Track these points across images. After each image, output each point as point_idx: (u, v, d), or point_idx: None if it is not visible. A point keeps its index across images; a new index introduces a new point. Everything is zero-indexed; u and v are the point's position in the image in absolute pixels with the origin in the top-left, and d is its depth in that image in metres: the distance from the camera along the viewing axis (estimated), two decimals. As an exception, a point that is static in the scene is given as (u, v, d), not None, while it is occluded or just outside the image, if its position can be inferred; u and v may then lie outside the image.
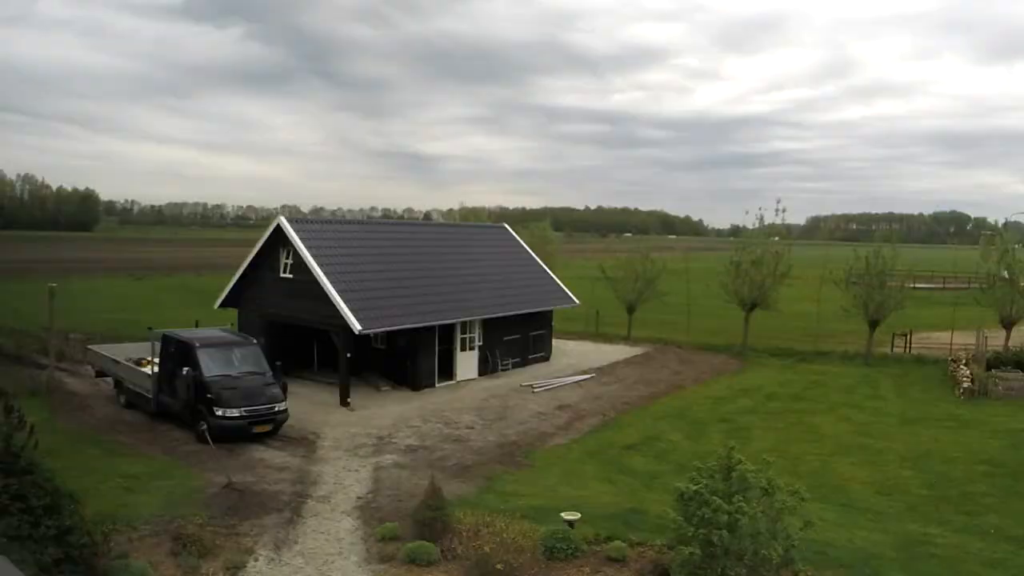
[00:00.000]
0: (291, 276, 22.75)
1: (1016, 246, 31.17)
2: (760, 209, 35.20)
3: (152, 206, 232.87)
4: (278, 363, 18.94)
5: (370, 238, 25.12)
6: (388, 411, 20.61)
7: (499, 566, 9.92)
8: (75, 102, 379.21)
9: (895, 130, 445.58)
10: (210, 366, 17.57)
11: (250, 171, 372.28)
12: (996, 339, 28.28)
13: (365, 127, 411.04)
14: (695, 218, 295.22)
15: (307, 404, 20.97)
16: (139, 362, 20.22)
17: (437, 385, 23.93)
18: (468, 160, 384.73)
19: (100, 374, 21.91)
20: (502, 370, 26.61)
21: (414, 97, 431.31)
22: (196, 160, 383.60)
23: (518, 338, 27.58)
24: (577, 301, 30.60)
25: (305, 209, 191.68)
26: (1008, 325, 29.61)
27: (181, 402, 17.67)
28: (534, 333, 28.53)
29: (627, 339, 34.72)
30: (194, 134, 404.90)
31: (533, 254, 31.69)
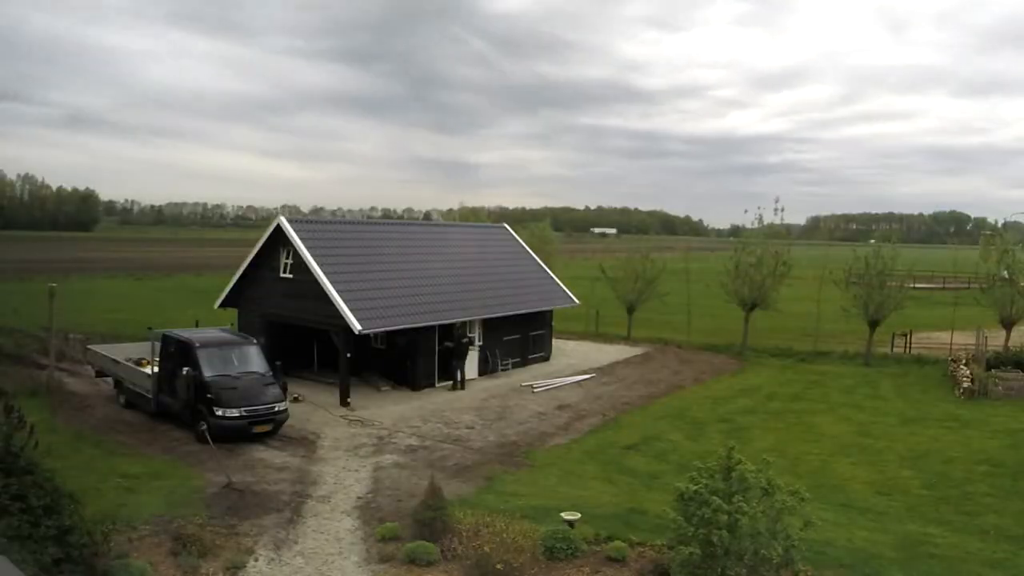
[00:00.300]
0: (291, 276, 22.75)
1: (1016, 246, 31.17)
2: (759, 208, 35.20)
3: (152, 206, 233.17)
4: (278, 363, 18.93)
5: (370, 238, 25.14)
6: (388, 411, 20.61)
7: (499, 566, 9.92)
8: (183, 120, 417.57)
9: (895, 144, 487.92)
10: (210, 366, 17.56)
11: (293, 175, 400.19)
12: (996, 339, 28.29)
13: (428, 140, 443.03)
14: (695, 218, 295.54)
15: (307, 404, 21.00)
16: (139, 362, 20.21)
17: (437, 385, 23.93)
18: (505, 167, 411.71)
19: (100, 374, 21.91)
20: (502, 370, 26.61)
21: (487, 119, 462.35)
22: (253, 166, 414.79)
23: (518, 338, 27.58)
24: (577, 301, 30.60)
25: (305, 209, 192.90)
26: (1008, 325, 29.61)
27: (181, 402, 17.66)
28: (534, 333, 28.53)
29: (627, 339, 34.72)
30: (270, 144, 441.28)
31: (533, 254, 31.69)
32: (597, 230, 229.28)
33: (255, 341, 19.50)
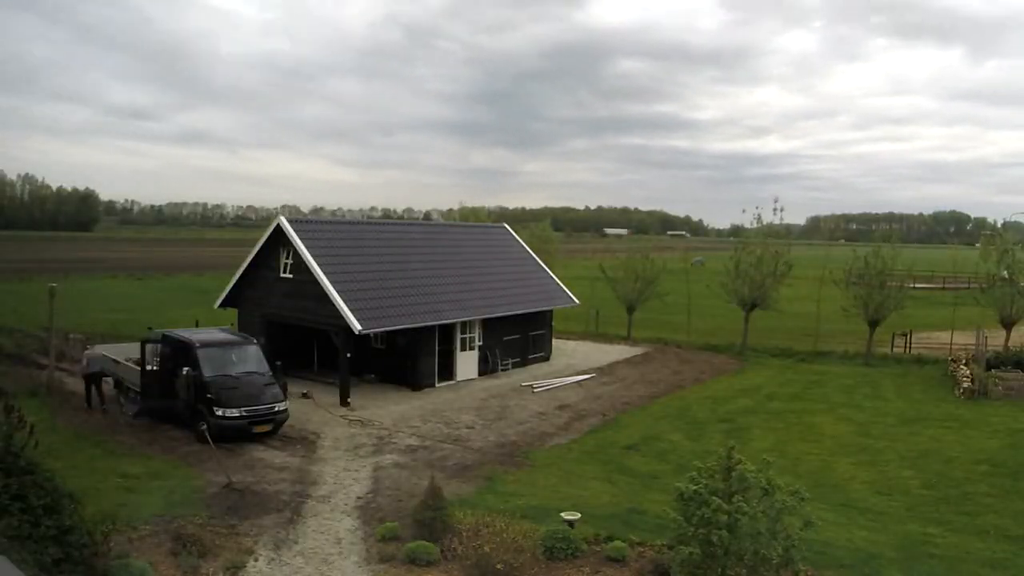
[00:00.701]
0: (291, 276, 22.75)
1: (1016, 246, 31.19)
2: (758, 208, 35.15)
3: (152, 206, 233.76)
4: (278, 363, 18.93)
5: (370, 238, 25.13)
6: (388, 411, 20.62)
7: (499, 566, 9.92)
8: (291, 139, 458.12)
9: (896, 160, 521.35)
10: (210, 366, 17.56)
11: (352, 180, 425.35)
12: (996, 339, 28.29)
13: (491, 154, 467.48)
14: (695, 218, 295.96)
15: (307, 404, 21.00)
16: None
17: (437, 385, 23.94)
18: (541, 175, 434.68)
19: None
20: (502, 370, 26.61)
21: (559, 140, 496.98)
22: (321, 172, 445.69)
23: (518, 338, 27.59)
24: (577, 301, 30.61)
25: (305, 209, 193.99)
26: (1008, 325, 29.62)
27: (181, 402, 17.65)
28: (534, 333, 28.53)
29: (627, 339, 34.73)
30: (357, 157, 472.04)
31: (533, 254, 31.70)
32: (610, 231, 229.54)
33: (255, 341, 19.50)
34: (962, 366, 25.51)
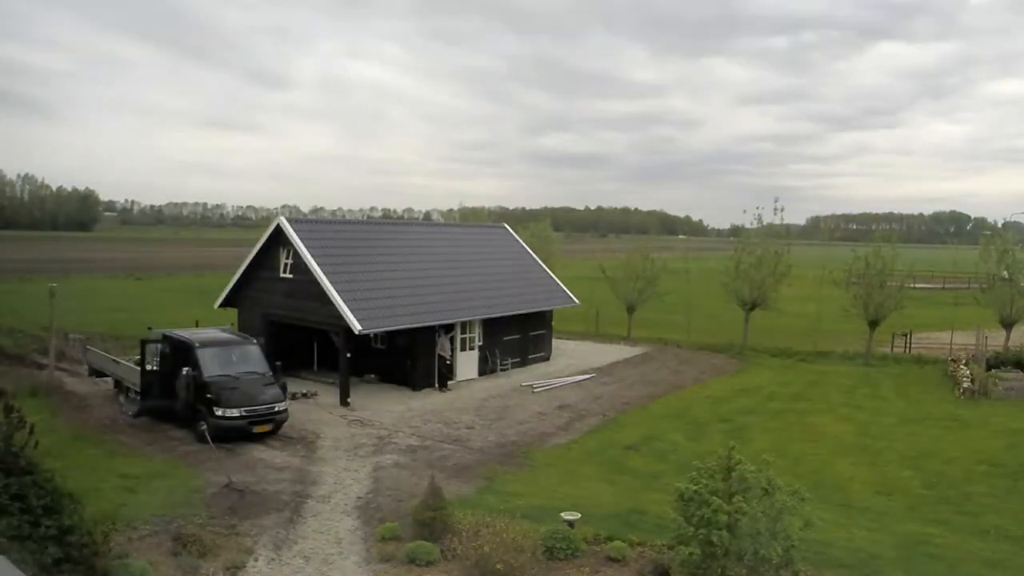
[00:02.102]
0: (291, 276, 22.75)
1: (1016, 246, 31.20)
2: (759, 209, 35.22)
3: (152, 206, 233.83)
4: (278, 363, 18.92)
5: (370, 238, 25.12)
6: (388, 411, 20.61)
7: (499, 566, 9.91)
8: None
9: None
10: (210, 366, 17.56)
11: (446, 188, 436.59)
12: (996, 339, 28.29)
13: (602, 188, 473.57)
14: (695, 218, 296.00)
15: (307, 404, 21.01)
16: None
17: (437, 385, 23.92)
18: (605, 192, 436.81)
19: (99, 374, 21.92)
20: (502, 370, 26.60)
21: (666, 181, 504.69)
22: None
23: (518, 338, 27.58)
24: (577, 301, 30.59)
25: (305, 209, 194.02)
26: (1008, 325, 29.64)
27: (181, 402, 17.65)
28: (534, 333, 28.52)
29: (627, 339, 34.73)
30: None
31: (533, 254, 31.69)
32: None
33: (255, 341, 19.49)
34: (962, 366, 25.52)
